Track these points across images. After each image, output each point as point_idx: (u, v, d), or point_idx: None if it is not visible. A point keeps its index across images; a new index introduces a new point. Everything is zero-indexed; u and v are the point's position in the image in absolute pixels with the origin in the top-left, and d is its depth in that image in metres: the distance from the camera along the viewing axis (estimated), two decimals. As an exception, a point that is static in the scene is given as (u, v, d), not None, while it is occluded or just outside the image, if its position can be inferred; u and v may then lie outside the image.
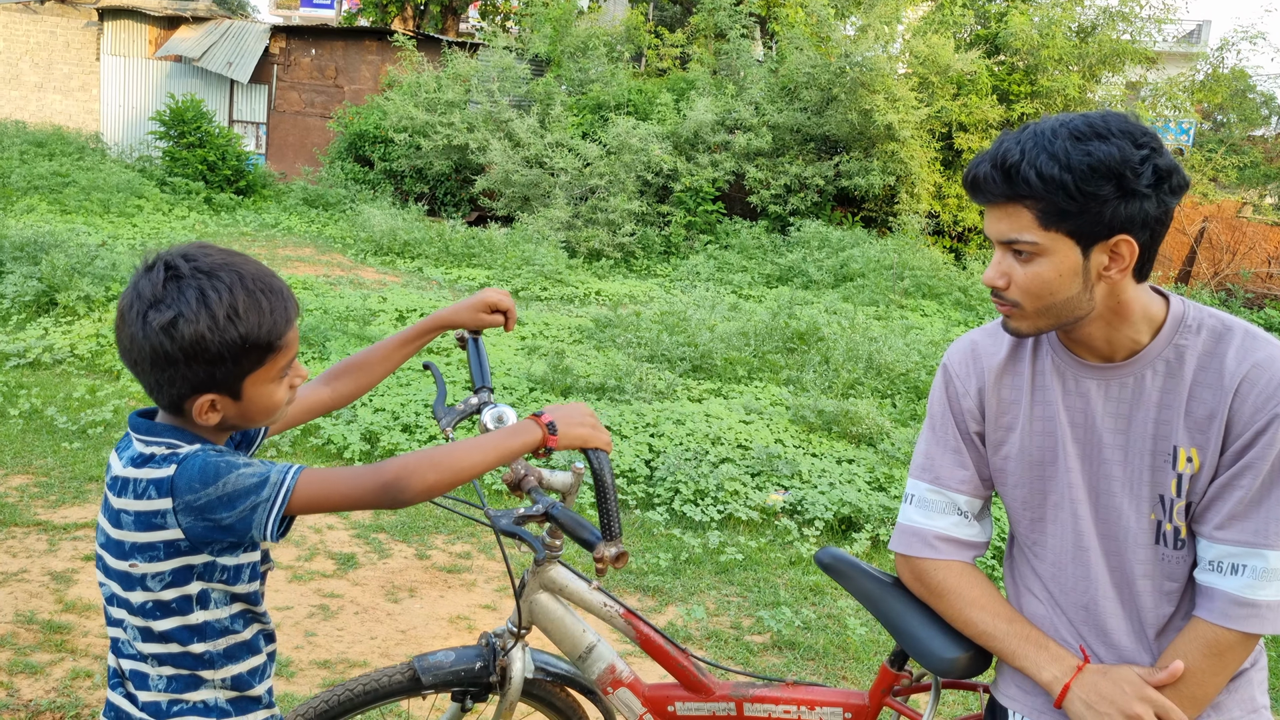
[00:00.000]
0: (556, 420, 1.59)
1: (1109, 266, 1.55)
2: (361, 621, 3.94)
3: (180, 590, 1.46)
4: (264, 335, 1.45)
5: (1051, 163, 1.50)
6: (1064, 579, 1.71)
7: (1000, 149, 1.55)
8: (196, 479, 1.39)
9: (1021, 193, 1.53)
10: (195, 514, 1.40)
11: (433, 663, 1.95)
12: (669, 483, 5.40)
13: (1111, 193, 1.49)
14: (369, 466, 1.44)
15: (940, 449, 1.78)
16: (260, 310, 1.45)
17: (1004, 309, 1.64)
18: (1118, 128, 1.50)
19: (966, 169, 1.60)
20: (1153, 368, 1.62)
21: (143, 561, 1.44)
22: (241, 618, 1.54)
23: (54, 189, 14.02)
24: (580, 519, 1.67)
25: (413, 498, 1.44)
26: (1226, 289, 14.38)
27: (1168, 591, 1.65)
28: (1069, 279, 1.56)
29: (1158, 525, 1.63)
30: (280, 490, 1.39)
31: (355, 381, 1.88)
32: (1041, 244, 1.55)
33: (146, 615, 1.47)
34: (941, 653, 1.75)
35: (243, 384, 1.46)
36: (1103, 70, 15.64)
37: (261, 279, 1.48)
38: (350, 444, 5.66)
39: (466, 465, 1.48)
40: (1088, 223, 1.51)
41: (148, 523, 1.42)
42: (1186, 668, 1.58)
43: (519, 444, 1.55)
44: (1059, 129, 1.52)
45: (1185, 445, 1.59)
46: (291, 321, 1.50)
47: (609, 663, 1.97)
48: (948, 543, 1.76)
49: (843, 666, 3.86)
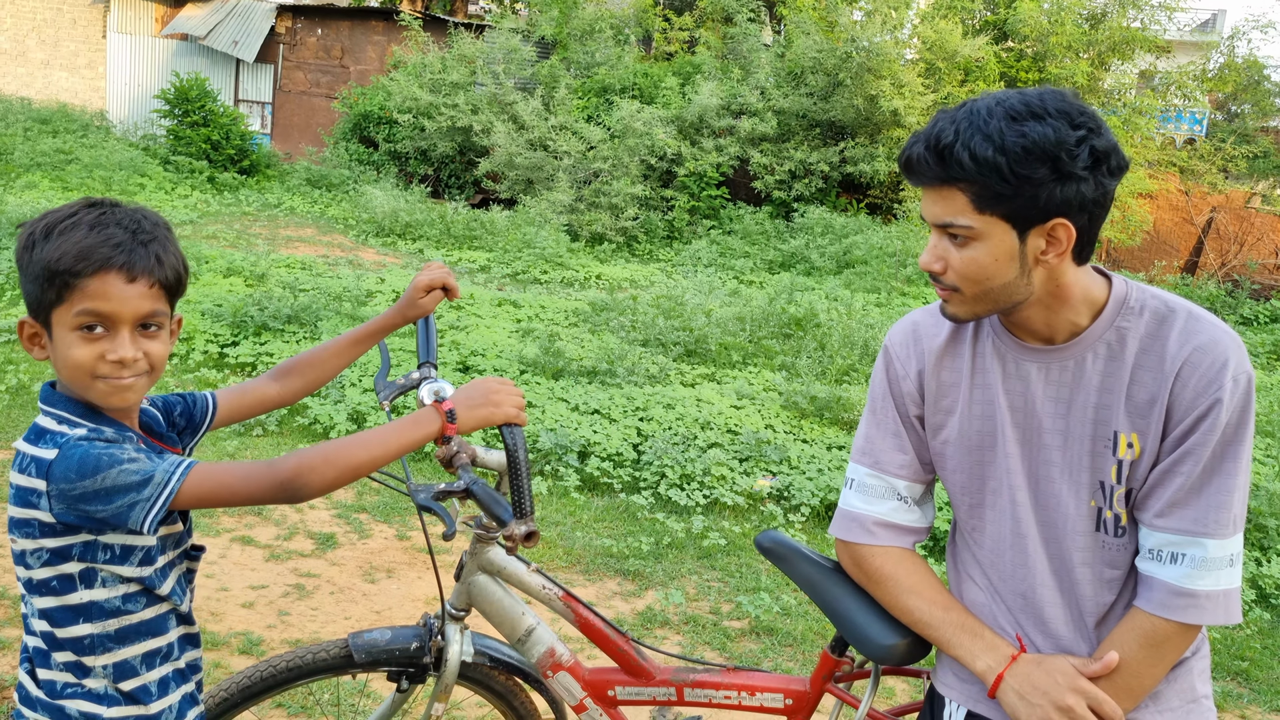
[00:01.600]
0: (457, 405, 1.55)
1: (1046, 251, 1.50)
2: (337, 601, 3.93)
3: (56, 569, 1.43)
4: (63, 263, 1.37)
5: (985, 144, 1.44)
6: (1002, 566, 1.67)
7: (934, 129, 1.50)
8: (74, 469, 1.35)
9: (955, 175, 1.48)
10: (68, 503, 1.36)
11: (367, 640, 1.92)
12: (655, 467, 5.37)
13: (1047, 175, 1.44)
14: (265, 463, 1.41)
15: (880, 432, 1.74)
16: (73, 238, 1.39)
17: (943, 293, 1.59)
18: (1054, 107, 1.45)
19: (902, 148, 1.55)
20: (1093, 350, 1.57)
21: (20, 538, 1.42)
22: (141, 597, 1.49)
23: (57, 166, 14.01)
24: (497, 496, 1.63)
25: (310, 494, 1.41)
26: (1234, 280, 14.25)
27: (1108, 580, 1.61)
28: (1005, 263, 1.51)
29: (1098, 512, 1.59)
30: (163, 490, 1.35)
31: (304, 379, 1.84)
32: (976, 228, 1.50)
33: (32, 592, 1.45)
34: (880, 639, 1.72)
35: (51, 318, 1.41)
36: (1112, 58, 15.49)
37: (111, 218, 1.42)
38: (337, 424, 5.65)
39: (364, 459, 1.44)
40: (1023, 206, 1.46)
41: (24, 499, 1.40)
42: (1123, 658, 1.54)
43: (419, 435, 1.51)
44: (994, 108, 1.46)
45: (1126, 430, 1.55)
46: (104, 269, 1.38)
47: (548, 646, 1.95)
48: (886, 528, 1.72)
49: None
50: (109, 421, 1.46)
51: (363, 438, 1.46)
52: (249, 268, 8.96)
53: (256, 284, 8.55)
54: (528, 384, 6.47)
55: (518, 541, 1.60)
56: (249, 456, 5.23)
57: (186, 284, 1.52)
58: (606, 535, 4.72)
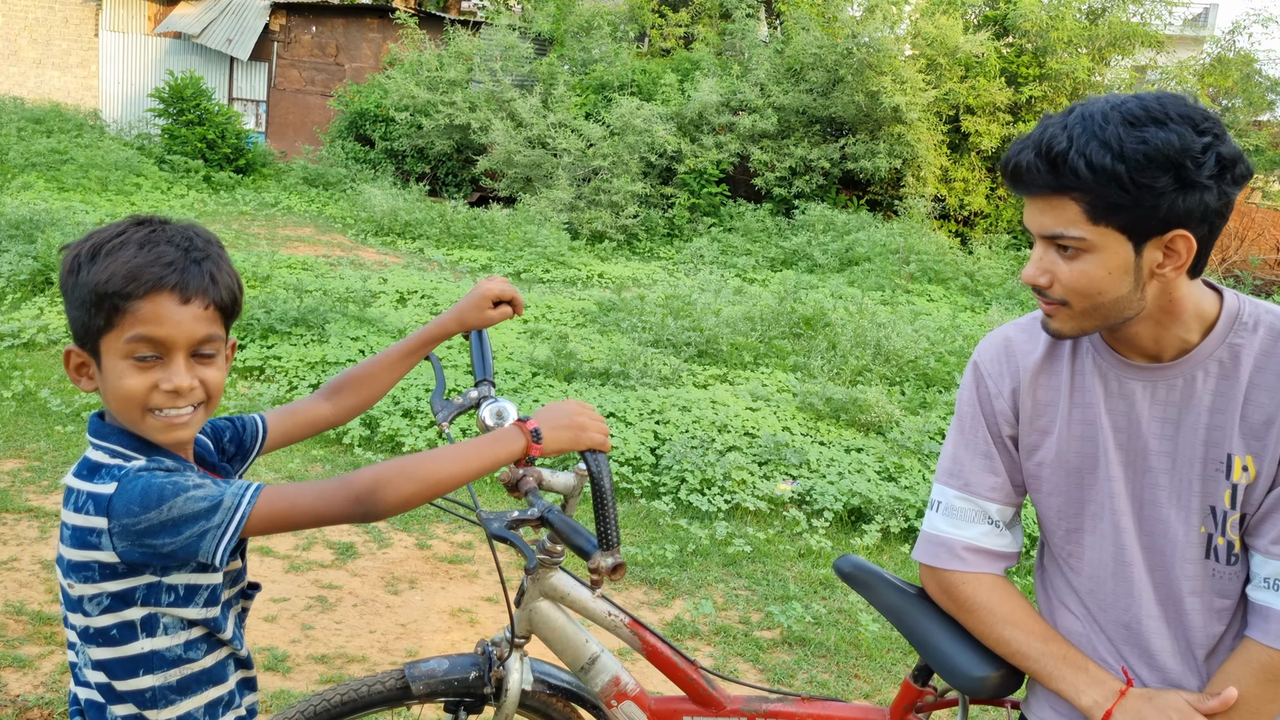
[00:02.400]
0: (542, 425, 1.47)
1: (1163, 264, 1.42)
2: (360, 614, 3.85)
3: (119, 616, 1.33)
4: (111, 285, 1.28)
5: (1103, 151, 1.35)
6: (1103, 594, 1.59)
7: (1045, 135, 1.41)
8: (137, 501, 1.26)
9: (1069, 184, 1.39)
10: (132, 539, 1.27)
11: (424, 670, 1.84)
12: (675, 471, 5.29)
13: (1169, 184, 1.35)
14: (337, 479, 1.32)
15: (969, 453, 1.66)
16: (121, 258, 1.29)
17: (1048, 308, 1.50)
18: (1176, 111, 1.36)
19: (1005, 156, 1.46)
20: (1204, 368, 1.49)
21: (78, 582, 1.32)
22: (202, 643, 1.40)
23: (51, 166, 13.86)
24: (577, 526, 1.55)
25: (386, 511, 1.32)
26: (1234, 276, 14.22)
27: (1218, 609, 1.53)
28: (1119, 277, 1.42)
29: (1208, 539, 1.51)
30: (234, 515, 1.27)
31: (358, 395, 1.75)
32: (1090, 239, 1.41)
33: (88, 641, 1.35)
34: (971, 670, 1.64)
35: (100, 346, 1.32)
36: (1112, 53, 15.44)
37: (161, 236, 1.33)
38: (350, 429, 5.57)
39: (444, 477, 1.36)
40: (1142, 217, 1.38)
41: (83, 540, 1.30)
42: (1240, 694, 1.46)
43: (502, 453, 1.43)
44: (1110, 113, 1.37)
45: (1240, 453, 1.47)
46: (156, 290, 1.29)
47: (613, 674, 1.87)
48: (977, 554, 1.65)
49: (855, 664, 3.76)
50: (166, 453, 1.37)
51: (441, 453, 1.38)
52: (251, 269, 8.86)
53: (260, 285, 8.45)
54: (540, 386, 6.39)
55: (604, 574, 1.52)
56: (261, 462, 5.14)
57: (242, 305, 1.42)
58: (630, 543, 4.65)
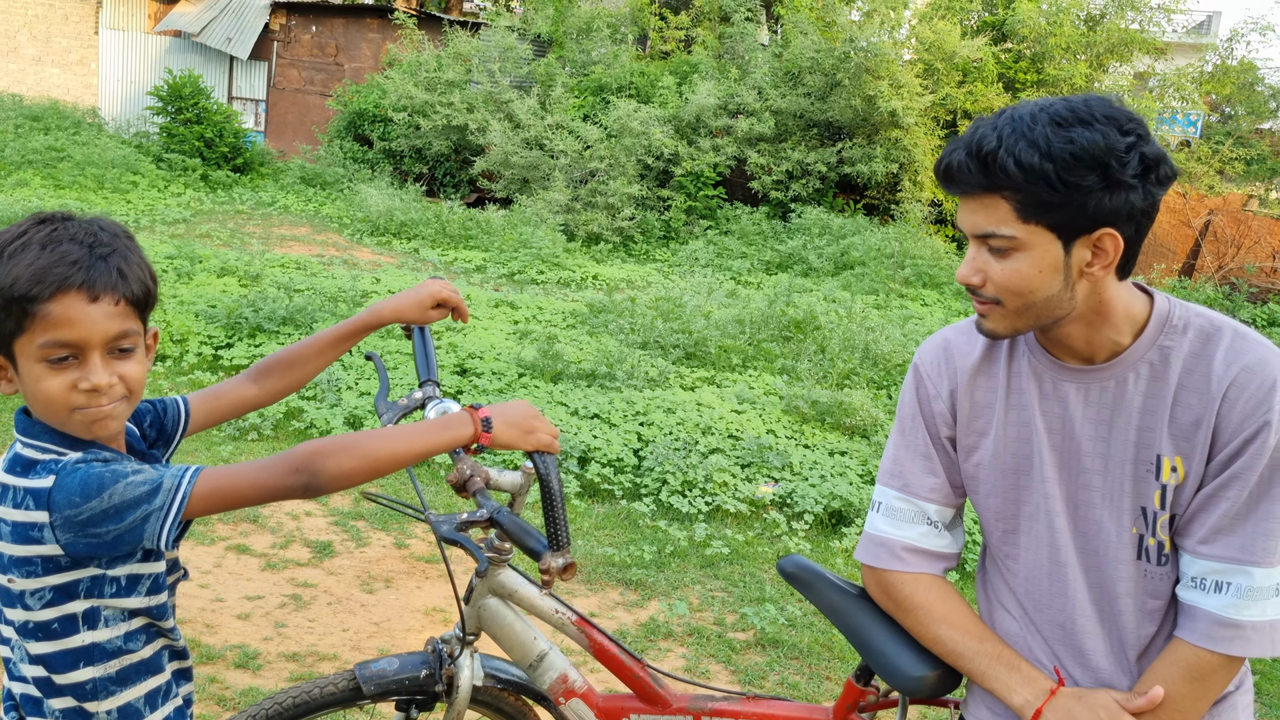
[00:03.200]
0: (494, 416, 1.48)
1: (1092, 262, 1.44)
2: (334, 612, 3.85)
3: (61, 610, 1.34)
4: (17, 288, 1.26)
5: (1031, 150, 1.38)
6: (1039, 595, 1.60)
7: (976, 135, 1.43)
8: (77, 492, 1.27)
9: (999, 183, 1.41)
10: (76, 529, 1.27)
11: (375, 671, 1.85)
12: (657, 473, 5.30)
13: (1096, 183, 1.38)
14: (278, 455, 1.32)
15: (909, 454, 1.67)
16: (23, 260, 1.27)
17: (982, 307, 1.52)
18: (1101, 113, 1.39)
19: (939, 157, 1.48)
20: (1135, 370, 1.51)
21: (20, 577, 1.32)
22: (141, 634, 1.42)
23: (48, 164, 13.88)
24: (527, 526, 1.56)
25: (328, 483, 1.31)
26: (1231, 283, 14.22)
27: (1150, 610, 1.54)
28: (1049, 276, 1.44)
29: (1140, 539, 1.52)
30: (175, 496, 1.27)
31: (284, 379, 1.74)
32: (1020, 238, 1.43)
33: (27, 636, 1.35)
34: (909, 670, 1.65)
35: (14, 349, 1.31)
36: (1110, 60, 15.45)
37: (64, 234, 1.31)
38: (334, 428, 5.57)
39: (387, 454, 1.36)
40: (1070, 215, 1.40)
41: (24, 535, 1.30)
42: (1166, 692, 1.48)
43: (449, 437, 1.43)
44: (1039, 114, 1.40)
45: (1169, 454, 1.48)
46: (62, 290, 1.27)
47: (561, 671, 1.88)
48: (916, 554, 1.66)
49: (827, 666, 3.77)
50: (100, 446, 1.38)
51: (387, 431, 1.38)
52: (243, 267, 8.87)
53: (251, 284, 8.46)
54: (526, 387, 6.40)
55: (555, 574, 1.53)
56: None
57: (156, 295, 1.41)
58: (608, 543, 4.66)
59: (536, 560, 1.56)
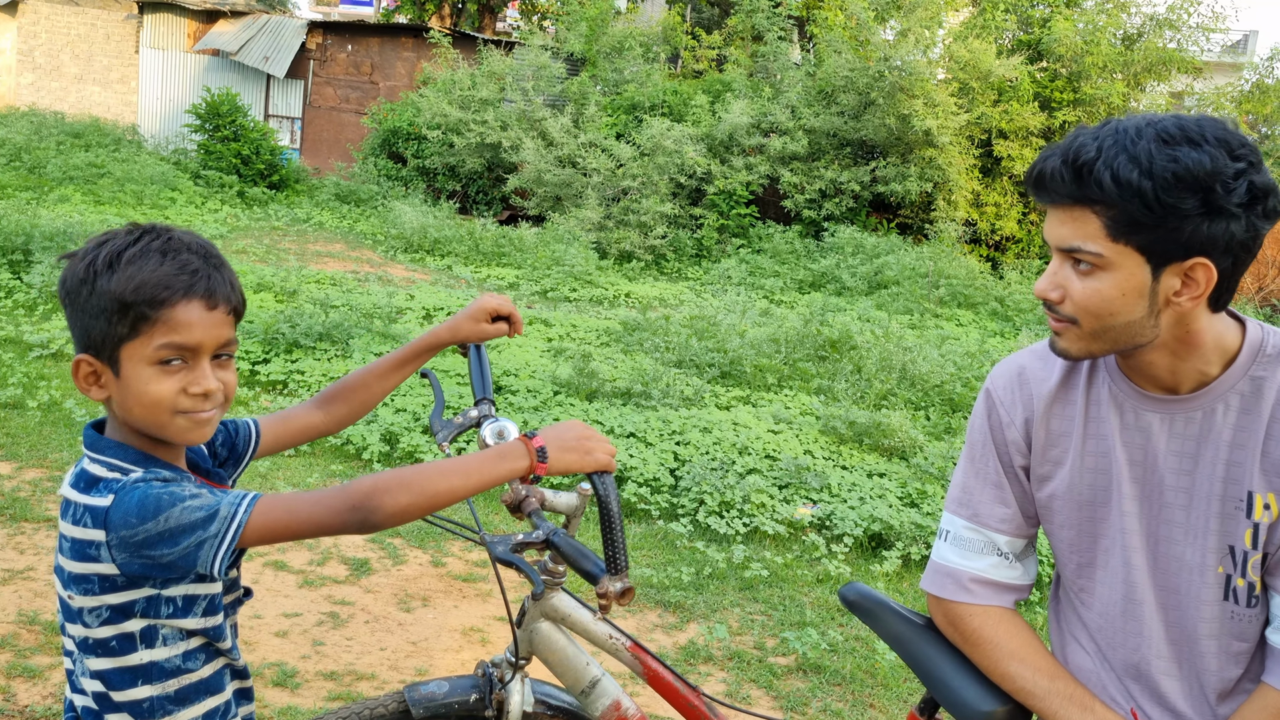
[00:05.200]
0: (548, 444, 1.44)
1: (1180, 292, 1.36)
2: (372, 631, 3.83)
3: (118, 628, 1.33)
4: (140, 294, 1.29)
5: (1131, 166, 1.31)
6: (1113, 632, 1.54)
7: (1074, 144, 1.36)
8: (134, 513, 1.26)
9: (1092, 196, 1.34)
10: (131, 550, 1.26)
11: (425, 694, 1.82)
12: (694, 493, 5.25)
13: (1195, 207, 1.30)
14: (335, 488, 1.31)
15: (979, 483, 1.61)
16: (146, 267, 1.30)
17: (1057, 324, 1.45)
18: (1213, 134, 1.31)
19: (1034, 162, 1.41)
20: (1225, 402, 1.43)
21: (78, 594, 1.31)
22: (201, 653, 1.40)
23: (89, 180, 14.07)
24: (583, 549, 1.53)
25: (384, 520, 1.30)
26: (1272, 305, 14.01)
27: (1235, 653, 1.47)
28: (1133, 300, 1.37)
29: (1227, 579, 1.44)
30: (230, 525, 1.26)
31: (349, 405, 1.75)
32: (1107, 256, 1.36)
33: (87, 652, 1.35)
34: (977, 705, 1.59)
35: (119, 354, 1.31)
36: (1148, 79, 15.32)
37: (179, 244, 1.33)
38: (370, 444, 5.57)
39: (444, 489, 1.34)
40: (1163, 239, 1.33)
41: (82, 553, 1.29)
42: None
43: (504, 470, 1.40)
44: (1144, 128, 1.33)
45: (1262, 490, 1.41)
46: (186, 297, 1.31)
47: (614, 699, 1.83)
48: (985, 586, 1.60)
49: (870, 693, 3.70)
50: (163, 464, 1.37)
51: (442, 465, 1.36)
52: (279, 283, 8.93)
53: (287, 300, 8.51)
54: (561, 405, 6.38)
55: (613, 599, 1.49)
56: (281, 478, 5.15)
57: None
58: (645, 564, 4.61)
59: (594, 584, 1.53)
